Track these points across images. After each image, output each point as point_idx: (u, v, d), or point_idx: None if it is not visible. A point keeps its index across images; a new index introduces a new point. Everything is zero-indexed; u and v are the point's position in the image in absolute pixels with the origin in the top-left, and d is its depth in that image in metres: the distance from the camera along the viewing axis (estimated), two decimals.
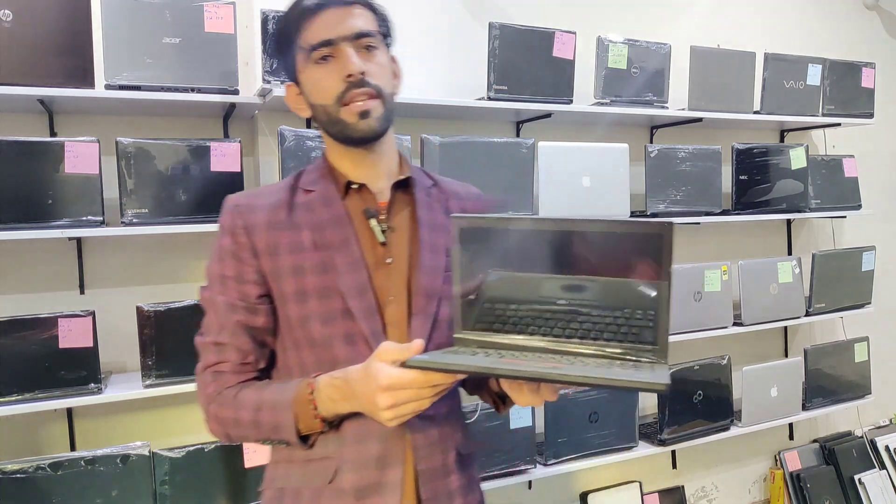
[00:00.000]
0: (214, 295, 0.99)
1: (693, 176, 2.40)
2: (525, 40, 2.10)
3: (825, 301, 2.69)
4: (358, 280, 0.96)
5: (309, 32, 0.95)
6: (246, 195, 1.02)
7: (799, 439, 3.01)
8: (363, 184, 1.00)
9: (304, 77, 0.98)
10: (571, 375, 0.74)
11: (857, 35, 3.13)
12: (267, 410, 0.93)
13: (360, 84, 0.93)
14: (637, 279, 0.84)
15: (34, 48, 1.62)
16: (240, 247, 0.98)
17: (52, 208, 1.64)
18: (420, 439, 0.96)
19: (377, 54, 0.97)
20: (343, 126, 0.95)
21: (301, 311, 0.96)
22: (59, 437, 1.85)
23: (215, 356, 0.99)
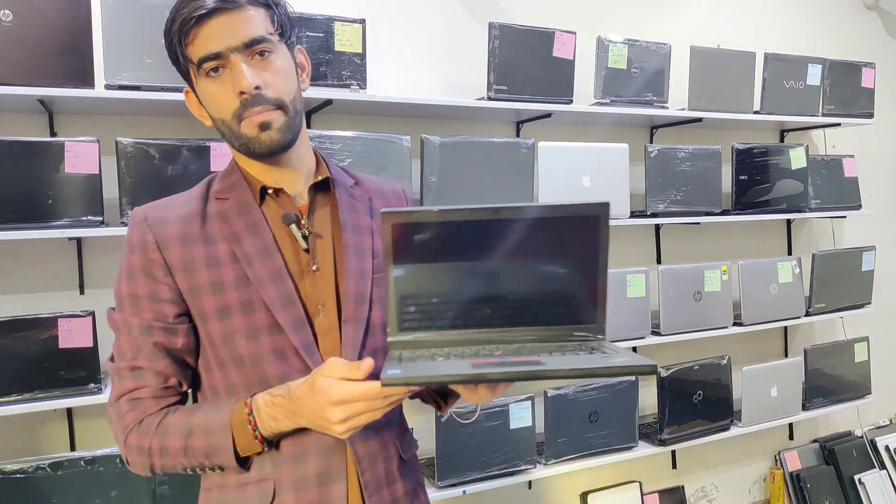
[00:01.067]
0: (127, 317, 0.92)
1: (693, 176, 2.40)
2: (525, 40, 2.10)
3: (825, 301, 2.69)
4: (283, 291, 0.90)
5: (195, 45, 0.86)
6: (155, 207, 0.95)
7: (799, 439, 3.01)
8: (280, 188, 0.95)
9: (199, 89, 0.91)
10: (562, 370, 0.73)
11: (858, 35, 3.13)
12: (199, 436, 0.87)
13: (255, 101, 0.86)
14: (575, 261, 0.84)
15: (34, 48, 1.62)
16: (152, 263, 0.91)
17: (51, 208, 1.64)
18: (361, 450, 0.93)
19: (274, 60, 0.89)
20: (245, 140, 0.89)
21: (224, 328, 0.90)
22: (58, 437, 1.85)
23: (132, 382, 0.91)
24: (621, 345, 2.33)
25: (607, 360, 0.75)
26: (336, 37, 1.88)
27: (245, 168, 0.96)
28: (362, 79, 1.93)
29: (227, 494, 0.93)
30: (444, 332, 0.86)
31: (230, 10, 0.86)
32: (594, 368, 0.74)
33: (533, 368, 0.73)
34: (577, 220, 0.83)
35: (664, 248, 2.68)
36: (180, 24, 0.86)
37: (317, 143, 1.84)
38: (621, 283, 2.24)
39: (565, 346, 0.82)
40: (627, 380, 2.28)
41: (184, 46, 0.87)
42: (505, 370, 0.73)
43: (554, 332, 0.85)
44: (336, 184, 0.99)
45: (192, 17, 0.85)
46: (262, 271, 0.91)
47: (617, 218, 2.26)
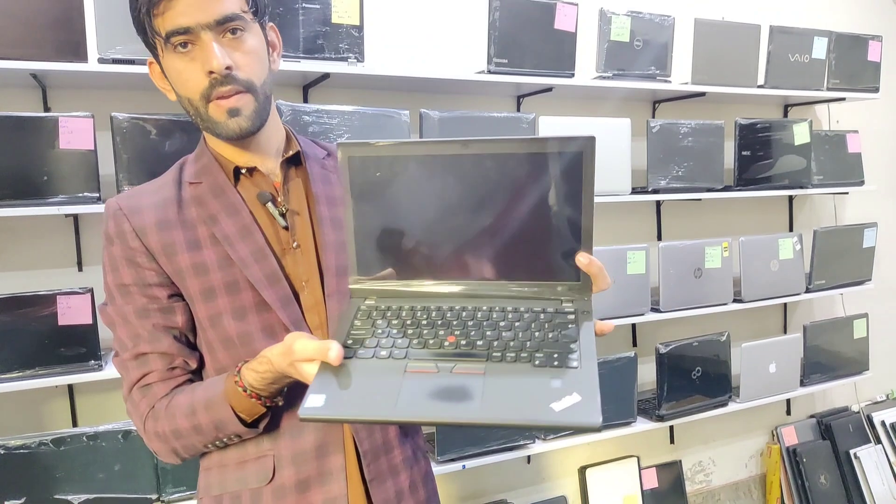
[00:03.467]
0: (119, 307, 0.91)
1: (695, 151, 2.38)
2: (526, 12, 2.06)
3: (825, 278, 2.69)
4: (267, 269, 0.90)
5: (164, 17, 0.82)
6: (127, 196, 0.93)
7: (796, 415, 3.03)
8: (253, 167, 0.93)
9: (165, 63, 0.87)
10: (490, 420, 0.65)
11: (865, 7, 3.08)
12: (202, 411, 0.87)
13: (225, 80, 0.84)
14: (557, 206, 0.75)
15: (25, 21, 1.59)
16: (133, 252, 0.90)
17: (47, 185, 1.62)
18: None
19: (246, 39, 0.86)
20: (212, 124, 0.87)
21: (210, 309, 0.90)
22: (61, 413, 1.87)
23: (138, 371, 0.91)
24: (621, 322, 2.33)
25: (549, 413, 0.65)
26: (333, 8, 1.84)
27: (215, 149, 0.95)
28: (360, 52, 1.89)
29: (227, 473, 0.93)
30: (408, 282, 0.79)
31: None
32: (530, 423, 0.65)
33: (461, 419, 0.65)
34: (559, 156, 0.73)
35: (665, 225, 2.67)
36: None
37: (314, 117, 1.82)
38: (621, 260, 2.24)
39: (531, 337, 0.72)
40: (626, 356, 2.29)
41: (151, 18, 0.84)
42: (431, 416, 0.66)
43: (532, 289, 0.77)
44: (307, 157, 0.97)
45: None
46: (244, 251, 0.90)
47: (618, 194, 2.24)
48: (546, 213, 0.75)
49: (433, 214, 0.77)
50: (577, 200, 0.74)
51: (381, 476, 0.94)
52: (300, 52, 1.82)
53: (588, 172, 0.73)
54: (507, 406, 0.65)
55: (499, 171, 0.74)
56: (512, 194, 0.75)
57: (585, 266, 0.76)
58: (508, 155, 0.74)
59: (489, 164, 0.74)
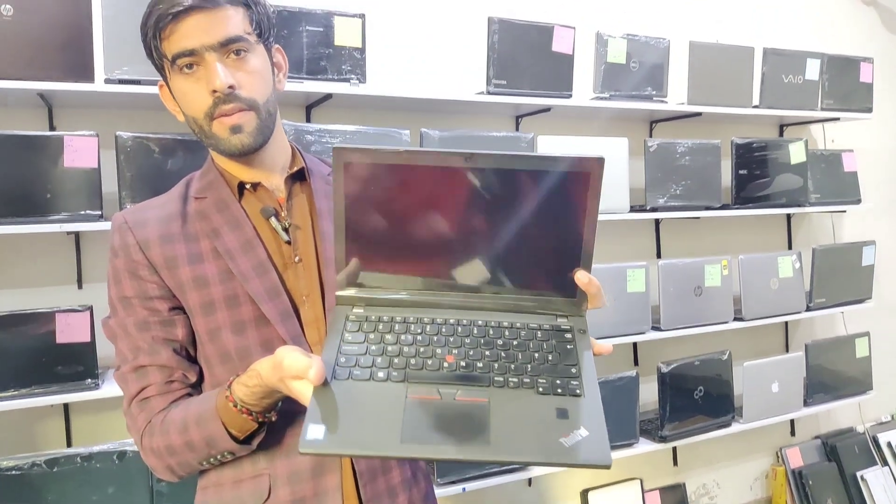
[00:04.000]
0: (121, 319, 0.92)
1: (692, 170, 2.40)
2: (524, 35, 2.10)
3: (825, 296, 2.69)
4: (268, 283, 0.90)
5: (170, 40, 0.85)
6: (133, 211, 0.95)
7: (801, 436, 3.00)
8: (258, 182, 0.95)
9: (172, 85, 0.90)
10: (500, 458, 0.63)
11: (856, 30, 3.14)
12: (194, 428, 0.85)
13: (228, 99, 0.86)
14: (559, 222, 0.74)
15: (35, 42, 1.62)
16: (136, 264, 0.91)
17: (50, 202, 1.63)
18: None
19: (249, 59, 0.88)
20: (216, 140, 0.89)
21: (209, 323, 0.90)
22: (55, 433, 1.84)
23: (137, 383, 0.90)
24: (621, 341, 2.33)
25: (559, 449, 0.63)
26: (336, 31, 1.88)
27: (221, 165, 0.96)
28: (362, 73, 1.92)
29: (224, 492, 0.92)
30: (398, 290, 0.77)
31: (208, 8, 0.85)
32: (540, 461, 0.63)
33: (470, 456, 0.63)
34: (566, 175, 0.72)
35: (664, 243, 2.68)
36: (157, 19, 0.85)
37: (317, 136, 1.84)
38: (621, 278, 2.24)
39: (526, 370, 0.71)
40: (628, 375, 2.27)
41: (159, 41, 0.86)
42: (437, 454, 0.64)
43: (525, 301, 0.76)
44: (311, 173, 0.98)
45: (169, 14, 0.84)
46: (246, 265, 0.90)
47: (616, 212, 2.25)
48: (546, 228, 0.75)
49: (427, 223, 0.76)
50: (579, 219, 0.74)
51: (378, 497, 0.93)
52: (303, 73, 1.85)
53: (594, 193, 0.73)
54: (517, 441, 0.64)
55: (499, 185, 0.73)
56: (510, 207, 0.74)
57: (585, 284, 0.75)
58: (509, 170, 0.73)
59: (489, 178, 0.73)
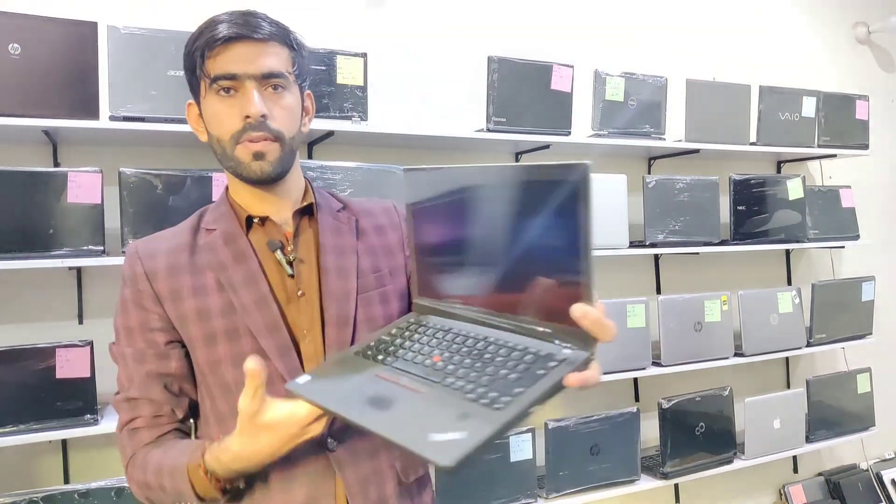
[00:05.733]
0: (122, 348, 0.95)
1: (691, 206, 2.42)
2: (523, 73, 2.14)
3: (826, 331, 2.68)
4: (268, 317, 0.91)
5: (216, 61, 0.89)
6: (146, 241, 0.98)
7: (804, 472, 2.96)
8: (266, 217, 0.96)
9: (204, 104, 0.93)
10: (367, 426, 0.69)
11: (851, 68, 3.19)
12: (167, 476, 0.88)
13: (258, 127, 0.89)
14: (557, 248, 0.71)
15: (41, 80, 1.65)
16: (142, 295, 0.94)
17: (53, 238, 1.64)
18: (350, 475, 0.91)
19: (285, 95, 0.92)
20: (236, 164, 0.91)
21: (210, 355, 0.91)
22: (53, 469, 1.83)
23: (128, 413, 0.94)
24: (622, 376, 2.32)
25: (417, 439, 0.65)
26: (338, 70, 1.91)
27: (234, 198, 0.99)
28: (364, 111, 1.95)
29: None
30: (454, 303, 0.84)
31: (258, 40, 0.89)
32: (395, 441, 0.66)
33: (353, 419, 0.71)
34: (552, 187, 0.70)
35: (664, 278, 2.68)
36: (208, 39, 0.89)
37: (318, 172, 1.86)
38: (621, 313, 2.24)
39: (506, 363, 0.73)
40: (629, 411, 2.26)
41: (204, 59, 0.90)
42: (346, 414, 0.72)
43: (543, 329, 0.75)
44: (319, 208, 1.00)
45: (222, 36, 0.88)
46: (247, 298, 0.92)
47: (616, 248, 2.26)
48: (549, 255, 0.73)
49: (471, 239, 0.81)
50: (573, 242, 0.69)
51: None
52: None
53: (582, 202, 0.67)
54: (397, 423, 0.69)
55: (512, 202, 0.75)
56: (525, 228, 0.74)
57: (578, 319, 0.70)
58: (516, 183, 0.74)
59: (506, 192, 0.75)
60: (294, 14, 2.07)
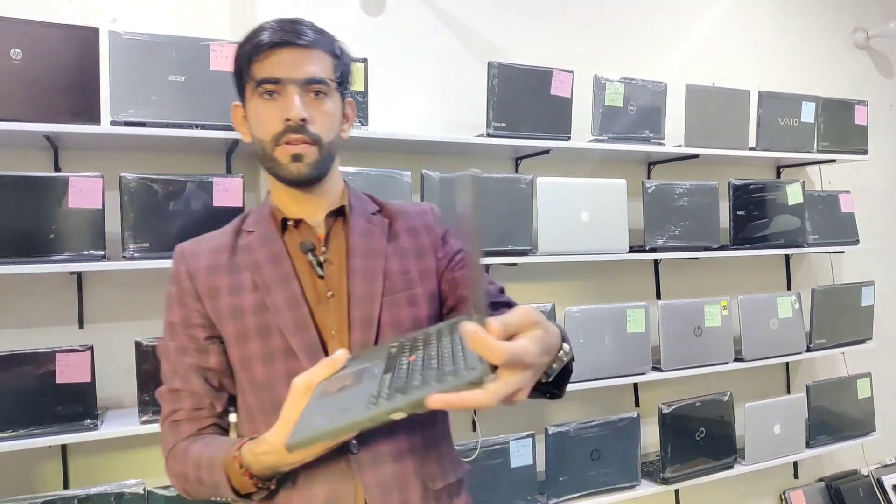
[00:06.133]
0: (166, 342, 1.00)
1: (691, 211, 2.42)
2: (523, 79, 2.15)
3: (826, 336, 2.68)
4: (297, 317, 0.94)
5: (262, 65, 0.93)
6: (192, 242, 1.03)
7: (804, 478, 2.96)
8: (300, 219, 1.00)
9: (249, 106, 0.97)
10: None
11: (849, 74, 3.20)
12: (205, 469, 0.91)
13: (298, 129, 0.92)
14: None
15: (43, 85, 1.65)
16: (184, 292, 0.98)
17: (53, 243, 1.65)
18: (370, 478, 0.92)
19: (325, 101, 0.95)
20: (275, 164, 0.95)
21: (242, 352, 0.95)
22: (52, 474, 1.82)
23: (170, 405, 0.98)
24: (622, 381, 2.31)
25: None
26: None
27: (273, 199, 1.03)
28: (364, 116, 1.96)
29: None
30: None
31: (303, 46, 0.93)
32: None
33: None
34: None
35: (663, 284, 2.69)
36: (255, 44, 0.93)
37: None
38: (621, 318, 2.24)
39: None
40: (629, 417, 2.26)
41: (251, 63, 0.94)
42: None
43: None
44: (352, 210, 1.03)
45: (268, 43, 0.92)
46: (279, 298, 0.95)
47: (616, 252, 2.27)
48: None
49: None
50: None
51: None
52: None
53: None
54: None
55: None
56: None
57: (464, 336, 0.62)
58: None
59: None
60: None
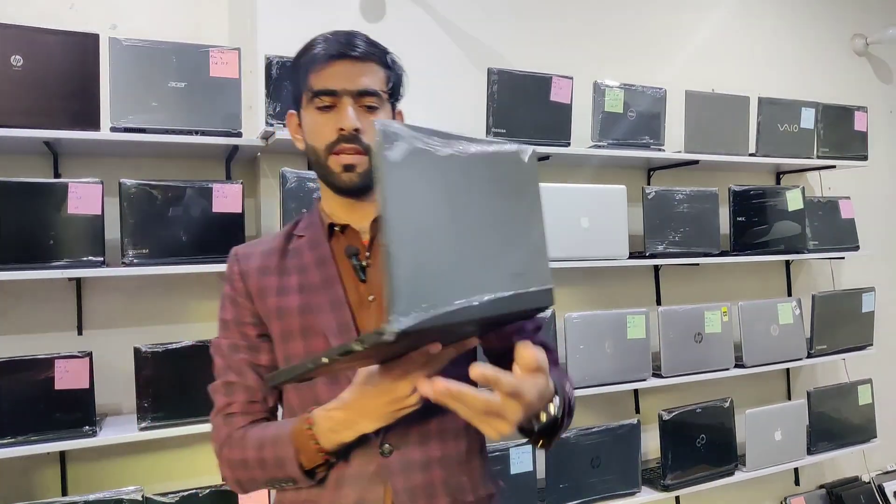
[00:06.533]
0: (220, 339, 1.04)
1: (691, 217, 2.42)
2: (523, 85, 2.15)
3: (826, 342, 2.68)
4: (340, 319, 0.97)
5: (318, 76, 0.97)
6: (247, 244, 1.07)
7: (805, 485, 2.94)
8: (347, 224, 1.03)
9: (305, 115, 1.01)
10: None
11: (849, 80, 3.20)
12: (269, 446, 0.93)
13: (350, 139, 0.95)
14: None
15: (43, 91, 1.66)
16: (237, 292, 1.03)
17: (53, 249, 1.65)
18: (399, 484, 0.93)
19: (378, 113, 0.99)
20: (327, 172, 0.98)
21: (286, 351, 0.99)
22: (50, 481, 1.82)
23: (224, 398, 1.01)
24: (622, 388, 2.31)
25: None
26: None
27: (323, 204, 1.06)
28: None
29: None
30: None
31: (358, 59, 0.97)
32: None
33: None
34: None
35: (664, 290, 2.68)
36: (312, 56, 0.98)
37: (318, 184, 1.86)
38: (621, 325, 2.24)
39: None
40: (629, 423, 2.25)
41: (308, 74, 0.98)
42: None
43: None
44: None
45: (325, 54, 0.96)
46: (323, 300, 0.98)
47: (616, 259, 2.26)
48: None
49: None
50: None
51: None
52: None
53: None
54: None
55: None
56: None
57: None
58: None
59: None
60: (294, 28, 2.08)
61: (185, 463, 1.93)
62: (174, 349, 1.73)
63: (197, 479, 1.89)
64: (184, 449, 1.92)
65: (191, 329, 1.95)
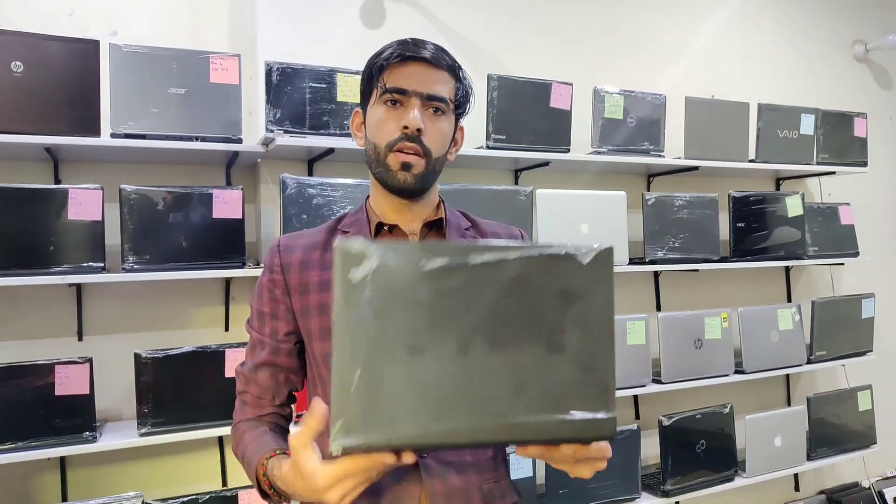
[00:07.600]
0: (250, 328, 1.08)
1: (691, 223, 2.42)
2: (523, 91, 2.15)
3: (826, 348, 2.67)
4: None
5: (391, 74, 0.99)
6: (290, 236, 1.08)
7: (805, 491, 2.94)
8: (395, 225, 1.03)
9: (370, 110, 1.01)
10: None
11: (848, 86, 3.21)
12: (247, 462, 0.96)
13: (412, 139, 0.97)
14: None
15: (43, 98, 1.66)
16: (275, 284, 1.04)
17: (53, 254, 1.65)
18: (437, 486, 0.95)
19: (442, 120, 1.01)
20: (384, 169, 0.98)
21: (324, 347, 1.00)
22: (50, 487, 1.82)
23: (242, 385, 1.06)
24: (622, 394, 2.31)
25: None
26: (338, 87, 1.92)
27: (372, 203, 1.06)
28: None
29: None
30: None
31: (433, 64, 1.00)
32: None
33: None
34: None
35: (663, 296, 2.68)
36: (390, 54, 0.99)
37: (318, 189, 1.86)
38: (621, 330, 2.24)
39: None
40: (629, 429, 2.25)
41: (382, 71, 0.99)
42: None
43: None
44: (448, 224, 1.07)
45: (404, 54, 0.99)
46: None
47: (616, 264, 2.26)
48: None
49: None
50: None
51: None
52: (306, 127, 1.89)
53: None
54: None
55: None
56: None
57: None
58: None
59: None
60: (296, 33, 2.09)
61: (185, 469, 1.93)
62: (174, 355, 1.73)
63: (197, 485, 1.90)
64: (184, 455, 1.92)
65: (191, 335, 1.95)
